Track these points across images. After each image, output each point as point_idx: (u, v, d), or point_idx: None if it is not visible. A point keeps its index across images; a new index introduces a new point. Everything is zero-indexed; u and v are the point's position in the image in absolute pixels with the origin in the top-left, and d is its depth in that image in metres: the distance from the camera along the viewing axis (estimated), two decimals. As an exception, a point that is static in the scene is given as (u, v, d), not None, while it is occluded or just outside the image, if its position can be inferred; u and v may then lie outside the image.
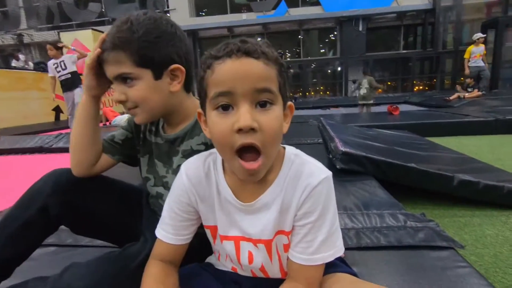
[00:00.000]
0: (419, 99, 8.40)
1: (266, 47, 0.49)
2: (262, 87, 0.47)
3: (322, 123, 3.31)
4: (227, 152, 0.49)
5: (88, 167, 0.78)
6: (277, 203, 0.55)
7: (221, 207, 0.58)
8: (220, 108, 0.48)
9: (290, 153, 0.57)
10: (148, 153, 0.83)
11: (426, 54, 13.63)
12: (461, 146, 3.03)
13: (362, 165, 1.70)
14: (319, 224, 0.53)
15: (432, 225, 1.05)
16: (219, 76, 0.48)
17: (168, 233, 0.60)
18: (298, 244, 0.54)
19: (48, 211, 0.72)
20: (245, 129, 0.46)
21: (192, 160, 0.62)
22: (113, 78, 0.67)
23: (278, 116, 0.49)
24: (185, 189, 0.59)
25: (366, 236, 1.00)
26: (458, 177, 1.60)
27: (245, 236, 0.57)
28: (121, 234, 0.85)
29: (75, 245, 1.10)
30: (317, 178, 0.52)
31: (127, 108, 0.70)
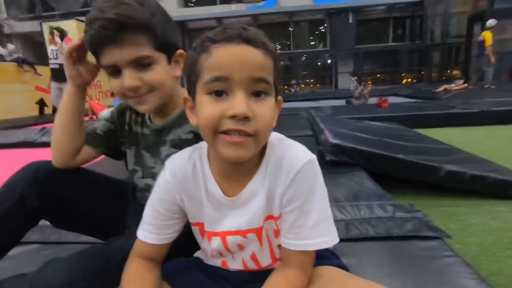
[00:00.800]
0: (408, 92, 8.49)
1: (265, 37, 0.48)
2: (259, 76, 0.46)
3: (312, 115, 3.31)
4: (210, 133, 0.47)
5: (69, 158, 0.76)
6: (263, 191, 0.53)
7: (210, 203, 0.56)
8: (213, 94, 0.46)
9: (274, 139, 0.55)
10: (134, 144, 0.80)
11: (415, 46, 13.77)
12: (448, 138, 3.08)
13: (352, 156, 1.70)
14: (307, 209, 0.51)
15: (420, 215, 1.06)
16: (216, 60, 0.45)
17: (151, 233, 0.58)
18: (289, 230, 0.53)
19: (26, 202, 0.70)
20: (239, 117, 0.44)
21: (177, 156, 0.59)
22: (127, 62, 0.61)
23: (272, 107, 0.49)
24: (170, 187, 0.57)
25: (355, 227, 1.00)
26: (445, 167, 1.62)
27: (232, 230, 0.56)
28: (104, 228, 0.83)
29: (59, 242, 1.06)
30: (299, 162, 0.51)
31: (137, 95, 0.65)
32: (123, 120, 0.81)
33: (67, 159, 0.75)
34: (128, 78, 0.62)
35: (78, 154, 0.77)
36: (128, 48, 0.60)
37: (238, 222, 0.55)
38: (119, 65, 0.62)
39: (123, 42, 0.59)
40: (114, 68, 0.63)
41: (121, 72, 0.63)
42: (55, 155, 0.75)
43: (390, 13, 13.74)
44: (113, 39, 0.59)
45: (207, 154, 0.57)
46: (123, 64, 0.62)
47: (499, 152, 2.48)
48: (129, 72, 0.62)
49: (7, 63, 7.74)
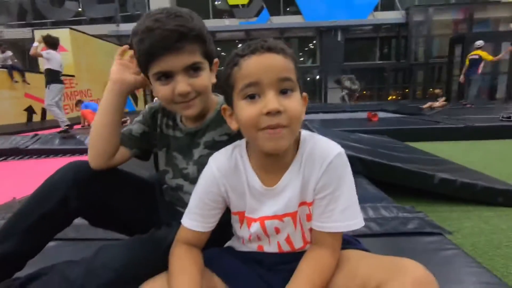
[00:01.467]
0: (394, 108, 8.82)
1: (284, 45, 0.58)
2: (284, 76, 0.55)
3: (307, 126, 3.43)
4: (253, 131, 0.55)
5: (107, 159, 0.79)
6: (297, 180, 0.61)
7: (250, 193, 0.64)
8: (248, 98, 0.56)
9: (305, 135, 0.64)
10: (165, 146, 0.85)
11: (400, 65, 14.39)
12: (436, 150, 3.24)
13: (352, 164, 1.78)
14: (338, 194, 0.59)
15: (422, 215, 1.15)
16: (247, 70, 0.55)
17: (197, 222, 0.64)
18: (321, 215, 0.61)
19: (68, 203, 0.72)
20: (273, 112, 0.53)
21: (219, 154, 0.67)
22: (182, 69, 0.66)
23: (299, 100, 0.58)
24: (215, 180, 0.64)
25: (364, 226, 1.07)
26: (438, 175, 1.74)
27: (269, 215, 0.63)
28: (136, 226, 0.86)
29: (78, 238, 1.09)
30: (331, 154, 0.59)
31: (185, 101, 0.70)
32: (155, 123, 0.86)
33: (105, 161, 0.78)
34: (182, 84, 0.67)
35: (115, 155, 0.80)
36: (184, 56, 0.66)
37: (275, 208, 0.63)
38: (174, 71, 0.67)
39: (181, 50, 0.65)
40: (166, 75, 0.68)
41: (171, 78, 0.68)
42: (94, 156, 0.78)
43: (377, 32, 14.39)
44: (172, 48, 0.64)
45: (246, 151, 0.65)
46: (178, 71, 0.67)
47: (482, 164, 2.64)
48: (182, 78, 0.67)
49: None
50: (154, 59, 0.66)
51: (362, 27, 13.99)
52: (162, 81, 0.69)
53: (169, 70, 0.67)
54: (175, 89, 0.68)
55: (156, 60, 0.66)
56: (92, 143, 0.79)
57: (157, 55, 0.65)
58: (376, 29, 14.25)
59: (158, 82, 0.70)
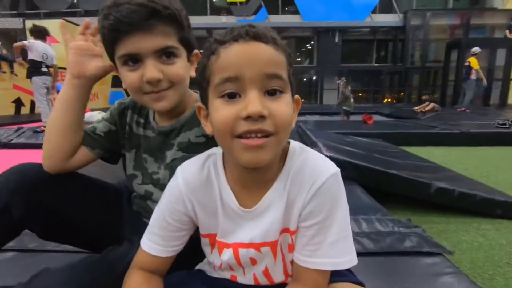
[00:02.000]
0: (389, 111, 8.80)
1: (275, 33, 0.46)
2: (272, 72, 0.43)
3: (301, 128, 3.34)
4: (227, 138, 0.44)
5: (63, 160, 0.69)
6: (281, 202, 0.50)
7: (224, 213, 0.53)
8: (225, 96, 0.44)
9: (295, 146, 0.53)
10: (134, 147, 0.75)
11: (396, 68, 14.39)
12: (431, 156, 3.18)
13: (346, 170, 1.70)
14: (328, 224, 0.48)
15: (419, 231, 1.06)
16: (225, 61, 0.43)
17: (157, 245, 0.53)
18: (305, 246, 0.50)
19: (11, 212, 0.62)
20: (254, 116, 0.41)
21: (190, 163, 0.55)
22: (152, 52, 0.57)
23: (289, 103, 0.46)
24: (181, 195, 0.53)
25: (356, 242, 0.98)
26: (435, 184, 1.66)
27: (245, 242, 0.52)
28: (97, 239, 0.76)
29: (39, 250, 0.98)
30: (324, 174, 0.48)
31: (156, 91, 0.60)
32: (124, 121, 0.76)
33: (60, 162, 0.68)
34: (151, 69, 0.57)
35: (73, 156, 0.71)
36: (156, 37, 0.56)
37: (252, 234, 0.52)
38: (142, 55, 0.57)
39: (151, 30, 0.55)
40: (134, 58, 0.58)
41: (140, 63, 0.58)
42: (47, 157, 0.68)
43: (374, 35, 14.37)
44: (141, 26, 0.54)
45: (222, 161, 0.54)
46: (147, 54, 0.57)
47: (478, 171, 2.58)
48: (152, 63, 0.58)
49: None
50: (120, 38, 0.56)
51: (359, 29, 13.94)
52: (130, 66, 0.59)
53: (137, 53, 0.57)
54: (144, 75, 0.57)
55: (122, 40, 0.56)
56: (46, 142, 0.69)
57: (123, 33, 0.55)
58: (373, 32, 14.22)
59: (125, 68, 0.60)
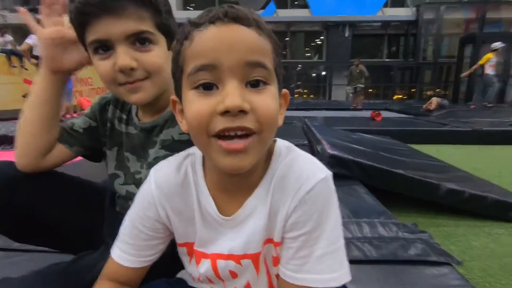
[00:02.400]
0: (399, 107, 8.60)
1: (259, 16, 0.39)
2: (254, 60, 0.37)
3: (307, 125, 3.25)
4: (203, 138, 0.38)
5: (37, 158, 0.64)
6: (264, 208, 0.44)
7: (202, 220, 0.47)
8: (200, 87, 0.37)
9: (280, 146, 0.46)
10: (116, 145, 0.70)
11: (407, 64, 14.07)
12: (440, 154, 3.07)
13: (350, 169, 1.63)
14: (315, 236, 0.42)
15: (425, 237, 0.99)
16: (199, 46, 0.37)
17: (128, 254, 0.48)
18: (291, 260, 0.44)
19: None
20: (233, 111, 0.35)
21: (164, 164, 0.49)
22: (124, 37, 0.52)
23: (275, 96, 0.39)
24: (153, 201, 0.47)
25: (357, 248, 0.92)
26: (444, 185, 1.57)
27: (224, 253, 0.47)
28: (74, 242, 0.71)
29: (24, 249, 0.94)
30: (312, 179, 0.42)
31: (130, 81, 0.55)
32: (105, 117, 0.71)
33: (34, 160, 0.64)
34: (122, 56, 0.52)
35: (49, 154, 0.66)
36: (127, 21, 0.51)
37: (232, 245, 0.46)
38: (113, 40, 0.52)
39: (122, 13, 0.50)
40: (105, 45, 0.53)
41: (112, 51, 0.53)
42: (20, 155, 0.63)
43: (385, 29, 14.05)
44: (111, 8, 0.49)
45: (201, 162, 0.48)
46: (118, 39, 0.52)
47: (490, 171, 2.47)
48: (124, 49, 0.52)
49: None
50: (88, 22, 0.51)
51: (370, 23, 13.62)
52: (100, 54, 0.54)
53: (107, 38, 0.52)
54: (116, 63, 0.52)
55: (91, 24, 0.51)
56: (20, 139, 0.64)
57: (91, 17, 0.50)
58: (384, 26, 13.89)
59: (97, 56, 0.54)
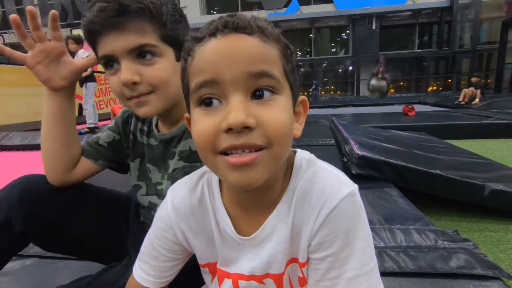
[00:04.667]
0: (435, 100, 8.11)
1: (263, 21, 0.36)
2: (258, 70, 0.34)
3: (334, 123, 3.15)
4: (209, 156, 0.36)
5: (64, 172, 0.66)
6: (286, 228, 0.41)
7: (222, 240, 0.45)
8: (203, 105, 0.35)
9: (301, 159, 0.43)
10: (139, 156, 0.71)
11: (442, 53, 13.24)
12: (485, 150, 2.83)
13: (381, 170, 1.54)
14: (344, 256, 0.39)
15: (469, 246, 0.89)
16: (200, 62, 0.35)
17: (148, 275, 0.48)
18: (320, 282, 0.41)
19: (12, 226, 0.60)
20: (236, 128, 0.32)
21: (180, 184, 0.48)
22: (126, 52, 0.52)
23: (285, 107, 0.36)
24: (171, 223, 0.46)
25: (391, 258, 0.85)
26: (489, 186, 1.43)
27: (245, 274, 0.44)
28: (103, 252, 0.73)
29: (60, 257, 0.98)
30: (337, 195, 0.38)
31: (136, 95, 0.55)
32: (128, 129, 0.72)
33: (61, 174, 0.66)
34: (125, 71, 0.52)
35: (74, 168, 0.68)
36: (129, 35, 0.51)
37: (252, 266, 0.43)
38: (117, 55, 0.52)
39: (123, 28, 0.50)
40: (111, 60, 0.53)
41: (118, 66, 0.53)
42: (47, 170, 0.66)
43: (416, 19, 13.32)
44: (112, 24, 0.50)
45: (218, 180, 0.46)
46: (122, 54, 0.52)
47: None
48: (127, 64, 0.52)
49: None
50: (95, 40, 0.53)
51: (399, 13, 12.97)
52: (109, 70, 0.55)
53: (111, 54, 0.52)
54: (119, 78, 0.53)
55: (98, 41, 0.53)
56: (44, 156, 0.66)
57: (96, 33, 0.52)
58: (415, 15, 13.16)
59: (107, 72, 0.55)
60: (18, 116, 6.83)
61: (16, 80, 7.15)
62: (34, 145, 3.91)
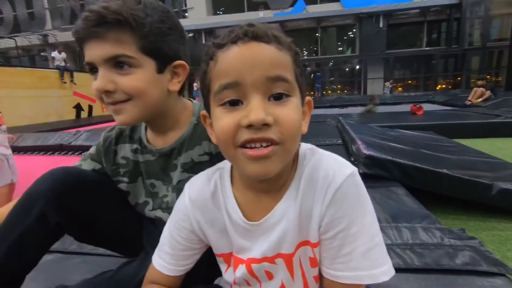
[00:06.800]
0: (444, 99, 8.00)
1: (278, 31, 0.42)
2: (275, 74, 0.39)
3: (341, 123, 3.16)
4: (230, 149, 0.41)
5: None
6: (294, 212, 0.45)
7: (234, 229, 0.49)
8: (227, 104, 0.40)
9: (304, 149, 0.48)
10: (139, 175, 0.72)
11: (451, 51, 13.05)
12: (494, 149, 2.80)
13: (388, 169, 1.56)
14: (355, 231, 0.42)
15: (475, 244, 0.91)
16: (223, 66, 0.40)
17: (167, 263, 0.52)
18: (335, 259, 0.44)
19: (48, 219, 0.63)
20: (256, 125, 0.38)
21: (197, 179, 0.53)
22: (103, 60, 0.55)
23: (297, 108, 0.41)
24: (187, 214, 0.51)
25: (397, 255, 0.87)
26: (497, 185, 1.43)
27: (257, 258, 0.48)
28: (126, 242, 0.77)
29: (79, 252, 1.03)
30: (339, 176, 0.43)
31: (111, 102, 0.57)
32: (111, 156, 0.73)
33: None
34: (100, 79, 0.55)
35: None
36: (106, 45, 0.53)
37: (263, 249, 0.47)
38: (96, 63, 0.55)
39: (102, 38, 0.53)
40: (94, 67, 0.56)
41: (98, 73, 0.56)
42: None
43: (424, 16, 13.16)
44: (93, 33, 0.53)
45: (230, 174, 0.50)
46: (99, 62, 0.55)
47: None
48: (103, 72, 0.55)
49: (48, 70, 8.34)
50: (81, 46, 0.56)
51: (407, 11, 12.83)
52: (93, 76, 0.58)
53: (91, 61, 0.55)
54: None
55: (83, 47, 0.56)
56: None
57: (80, 41, 0.55)
58: (423, 13, 13.00)
59: (92, 77, 0.58)
60: (30, 117, 7.01)
61: (28, 82, 7.33)
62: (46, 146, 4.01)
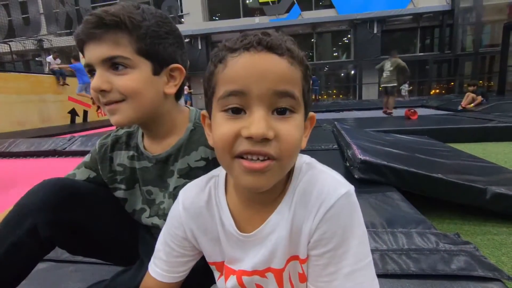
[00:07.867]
0: (437, 103, 8.10)
1: (292, 43, 0.41)
2: (283, 90, 0.38)
3: (336, 128, 3.18)
4: (227, 157, 0.40)
5: None
6: (286, 226, 0.45)
7: (226, 238, 0.49)
8: (229, 111, 0.39)
9: (301, 162, 0.47)
10: (136, 182, 0.72)
11: (444, 56, 13.24)
12: (488, 154, 2.83)
13: (383, 174, 1.56)
14: (341, 253, 0.42)
15: (470, 248, 0.91)
16: (232, 72, 0.39)
17: (162, 270, 0.52)
18: (319, 278, 0.44)
19: (39, 232, 0.62)
20: (256, 138, 0.37)
21: (191, 186, 0.52)
22: (100, 61, 0.56)
23: (299, 125, 0.41)
24: (181, 221, 0.50)
25: (393, 261, 0.87)
26: (491, 189, 1.44)
27: (248, 270, 0.48)
28: (120, 253, 0.76)
29: (72, 260, 1.01)
30: (333, 195, 0.42)
31: (107, 102, 0.58)
32: (107, 164, 0.73)
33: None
34: (96, 79, 0.56)
35: None
36: (103, 46, 0.55)
37: (255, 261, 0.47)
38: (93, 64, 0.57)
39: (101, 39, 0.55)
40: (93, 69, 0.58)
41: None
42: None
43: (417, 22, 13.37)
44: (91, 35, 0.55)
45: (224, 182, 0.50)
46: (96, 63, 0.56)
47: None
48: (99, 72, 0.56)
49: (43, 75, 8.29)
50: (82, 48, 0.58)
51: (400, 17, 13.03)
52: (91, 77, 0.59)
53: (89, 63, 0.57)
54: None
55: (83, 49, 0.58)
56: None
57: (81, 42, 0.58)
58: (416, 19, 13.20)
59: (90, 78, 0.60)
60: (24, 123, 6.94)
61: (23, 87, 7.27)
62: (40, 152, 3.97)
